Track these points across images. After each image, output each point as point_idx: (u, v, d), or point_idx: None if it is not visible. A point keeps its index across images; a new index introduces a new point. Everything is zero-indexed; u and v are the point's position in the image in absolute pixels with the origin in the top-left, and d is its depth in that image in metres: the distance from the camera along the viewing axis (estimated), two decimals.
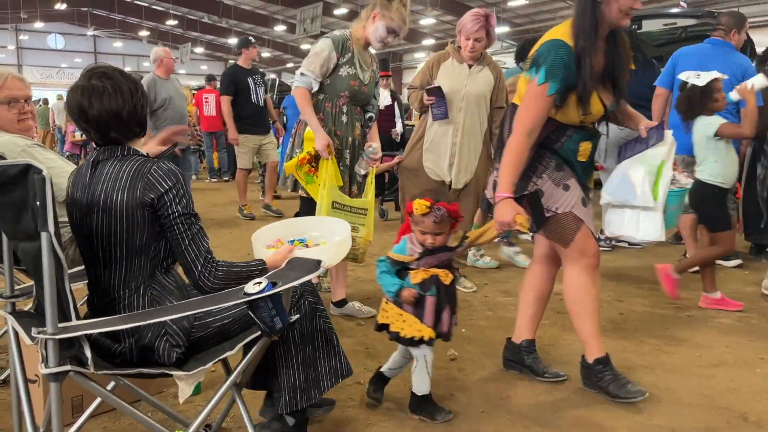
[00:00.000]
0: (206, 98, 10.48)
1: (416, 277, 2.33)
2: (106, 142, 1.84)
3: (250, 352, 1.83)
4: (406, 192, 3.94)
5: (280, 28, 34.34)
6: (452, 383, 2.74)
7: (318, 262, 1.77)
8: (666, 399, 2.58)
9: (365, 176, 3.46)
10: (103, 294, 1.84)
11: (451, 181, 3.86)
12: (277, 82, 13.47)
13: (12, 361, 1.84)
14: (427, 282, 2.32)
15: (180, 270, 1.92)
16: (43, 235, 1.47)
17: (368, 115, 3.50)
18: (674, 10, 6.95)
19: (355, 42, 3.36)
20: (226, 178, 11.32)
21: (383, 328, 2.40)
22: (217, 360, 1.75)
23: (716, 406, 2.52)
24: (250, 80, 6.96)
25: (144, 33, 40.11)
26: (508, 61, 8.61)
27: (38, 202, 1.47)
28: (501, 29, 27.71)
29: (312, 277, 1.68)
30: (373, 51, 3.51)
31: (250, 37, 7.38)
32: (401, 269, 2.38)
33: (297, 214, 3.64)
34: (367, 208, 3.37)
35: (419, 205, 2.29)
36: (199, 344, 1.84)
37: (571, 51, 2.37)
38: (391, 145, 7.20)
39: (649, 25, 6.28)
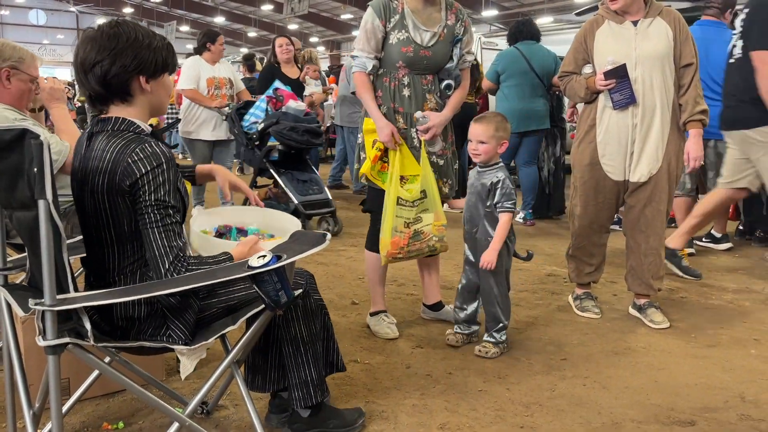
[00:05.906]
0: None
1: None
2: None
3: (252, 328, 1.79)
4: (578, 191, 3.26)
5: (267, 8, 33.90)
6: (449, 362, 2.72)
7: (324, 235, 1.73)
8: (663, 379, 2.58)
9: (438, 155, 2.97)
10: (99, 277, 1.77)
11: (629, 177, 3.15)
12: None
13: (5, 335, 1.78)
14: None
15: None
16: (41, 203, 1.41)
17: (444, 83, 2.92)
18: None
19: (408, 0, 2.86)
20: None
21: None
22: (219, 335, 1.70)
23: (713, 386, 2.53)
24: None
25: (128, 10, 39.41)
26: (500, 42, 8.52)
27: (35, 169, 1.40)
28: (489, 13, 27.57)
29: (318, 250, 1.63)
30: (447, 2, 2.94)
31: None
32: None
33: (363, 203, 3.12)
34: (423, 189, 2.86)
35: None
36: (203, 321, 1.79)
37: None
38: None
39: None
